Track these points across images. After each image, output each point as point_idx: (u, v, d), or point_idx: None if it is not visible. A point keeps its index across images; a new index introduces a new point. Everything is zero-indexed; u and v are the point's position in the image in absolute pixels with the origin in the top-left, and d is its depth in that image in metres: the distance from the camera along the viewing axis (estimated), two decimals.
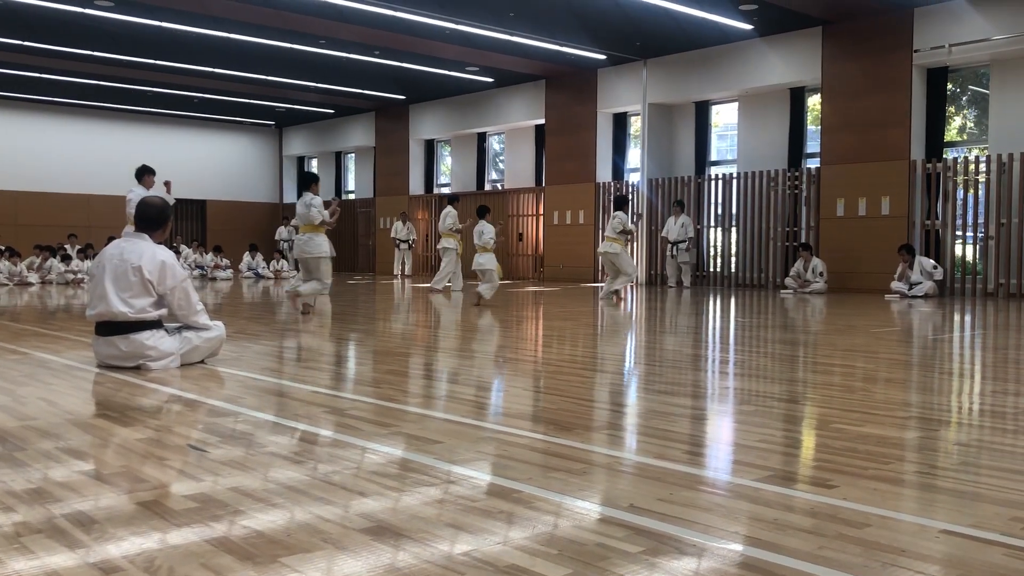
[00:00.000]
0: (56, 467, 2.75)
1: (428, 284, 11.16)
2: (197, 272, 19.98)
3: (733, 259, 15.93)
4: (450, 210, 14.13)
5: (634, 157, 17.89)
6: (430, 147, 22.57)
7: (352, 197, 24.81)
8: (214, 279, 19.53)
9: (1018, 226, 12.47)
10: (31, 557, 1.93)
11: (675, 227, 15.53)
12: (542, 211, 19.09)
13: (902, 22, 13.24)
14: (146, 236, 5.09)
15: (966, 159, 13.17)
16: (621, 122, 18.00)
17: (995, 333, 7.54)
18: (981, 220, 12.96)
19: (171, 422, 3.56)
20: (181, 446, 3.09)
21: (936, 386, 4.62)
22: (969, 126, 14.48)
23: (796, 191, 14.88)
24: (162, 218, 5.17)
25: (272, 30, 14.76)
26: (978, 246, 13.12)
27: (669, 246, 15.65)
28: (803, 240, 14.53)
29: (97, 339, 5.07)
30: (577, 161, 18.03)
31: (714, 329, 8.24)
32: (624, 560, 1.92)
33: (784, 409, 3.84)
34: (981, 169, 12.93)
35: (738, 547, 2.01)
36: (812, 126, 15.42)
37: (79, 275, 16.98)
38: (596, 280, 17.36)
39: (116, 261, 4.94)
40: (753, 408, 3.85)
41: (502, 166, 21.33)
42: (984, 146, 13.49)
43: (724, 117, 17.37)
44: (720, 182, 16.10)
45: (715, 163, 17.13)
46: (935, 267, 12.54)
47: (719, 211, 16.15)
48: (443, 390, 4.56)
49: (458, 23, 14.08)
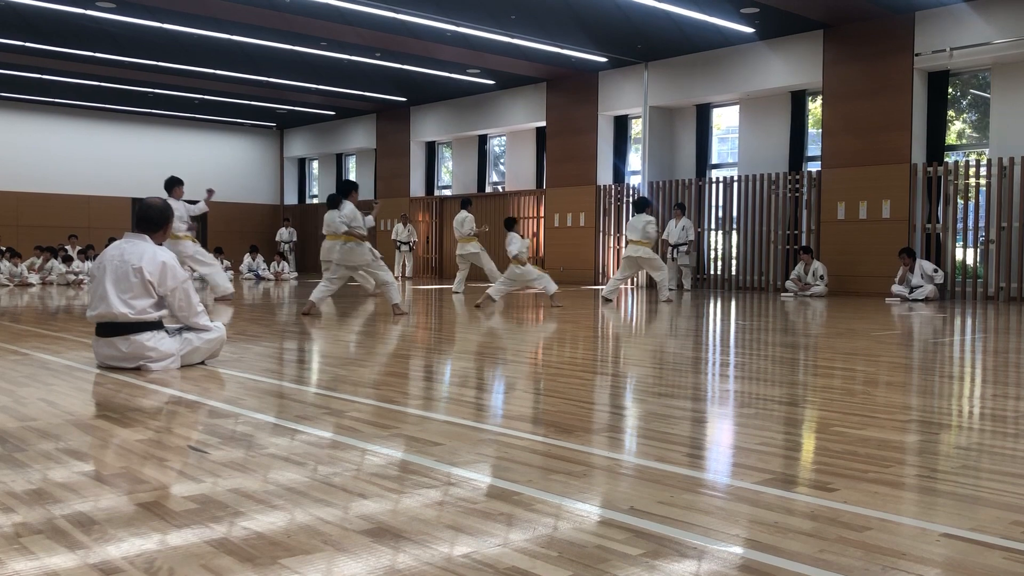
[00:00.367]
0: (56, 468, 2.75)
1: (483, 294, 11.16)
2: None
3: (734, 262, 15.93)
4: (467, 216, 14.05)
5: (635, 160, 17.90)
6: (431, 149, 22.57)
7: None
8: None
9: (1019, 230, 12.46)
10: (31, 558, 1.93)
11: (676, 230, 15.52)
12: (543, 213, 19.10)
13: (903, 25, 13.24)
14: (147, 237, 5.09)
15: (967, 163, 13.18)
16: (622, 125, 18.00)
17: (995, 337, 7.54)
18: (982, 224, 12.96)
19: (171, 423, 3.56)
20: (181, 447, 3.09)
21: (937, 390, 4.61)
22: (970, 130, 14.49)
23: (797, 194, 14.89)
24: (163, 219, 5.18)
25: (273, 32, 14.77)
26: (979, 250, 13.11)
27: (670, 249, 15.64)
28: (804, 243, 14.53)
29: (97, 340, 5.08)
30: (578, 164, 18.03)
31: (714, 332, 8.24)
32: (624, 563, 1.92)
33: (784, 412, 3.84)
34: (982, 173, 12.93)
35: (738, 550, 2.01)
36: (813, 129, 15.43)
37: (80, 276, 16.99)
38: (596, 282, 17.36)
39: (117, 262, 4.95)
40: (753, 411, 3.85)
41: (503, 168, 21.34)
42: (985, 150, 13.49)
43: (725, 120, 17.37)
44: (721, 185, 16.10)
45: (716, 166, 17.12)
46: (936, 271, 12.53)
47: (720, 214, 16.15)
48: (443, 392, 4.56)
49: (459, 25, 14.09)
